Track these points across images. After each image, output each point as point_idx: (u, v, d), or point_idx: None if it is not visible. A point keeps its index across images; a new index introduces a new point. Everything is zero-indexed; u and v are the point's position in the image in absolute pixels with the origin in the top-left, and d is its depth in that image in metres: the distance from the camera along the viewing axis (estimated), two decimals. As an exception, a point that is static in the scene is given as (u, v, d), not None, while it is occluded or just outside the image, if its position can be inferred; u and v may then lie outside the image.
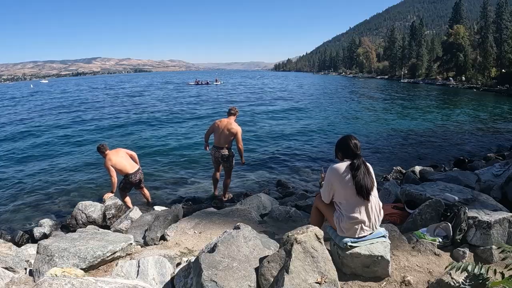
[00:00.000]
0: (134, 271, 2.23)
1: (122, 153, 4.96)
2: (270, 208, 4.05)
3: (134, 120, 15.63)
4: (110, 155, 4.76)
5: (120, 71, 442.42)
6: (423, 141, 10.66)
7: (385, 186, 4.47)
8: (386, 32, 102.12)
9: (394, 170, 6.66)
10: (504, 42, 39.28)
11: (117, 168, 4.76)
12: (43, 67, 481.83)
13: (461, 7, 52.86)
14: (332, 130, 12.85)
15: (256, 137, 11.23)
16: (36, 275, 2.37)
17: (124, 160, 4.88)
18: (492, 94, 30.78)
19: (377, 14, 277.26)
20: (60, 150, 9.94)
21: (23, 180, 7.21)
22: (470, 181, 4.53)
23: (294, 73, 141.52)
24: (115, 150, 4.98)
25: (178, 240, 3.11)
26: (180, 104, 22.63)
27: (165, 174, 7.27)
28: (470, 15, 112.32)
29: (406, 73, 61.41)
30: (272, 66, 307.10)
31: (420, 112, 17.94)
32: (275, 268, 1.90)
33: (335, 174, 2.20)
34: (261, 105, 21.17)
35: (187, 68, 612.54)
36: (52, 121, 16.13)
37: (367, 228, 2.20)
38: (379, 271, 2.20)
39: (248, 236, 2.16)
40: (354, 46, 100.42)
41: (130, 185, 4.99)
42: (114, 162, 4.73)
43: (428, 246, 2.55)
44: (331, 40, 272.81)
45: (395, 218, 3.33)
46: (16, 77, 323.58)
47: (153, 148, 9.66)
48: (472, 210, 2.80)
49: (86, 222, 4.40)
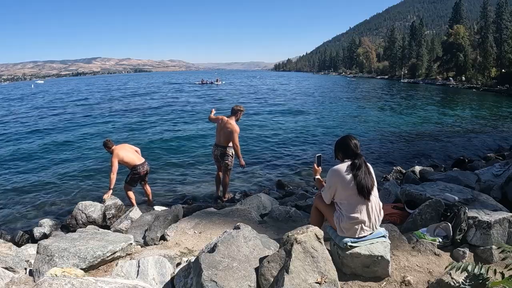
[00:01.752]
0: (134, 271, 2.23)
1: (128, 147, 5.08)
2: (270, 208, 4.05)
3: (134, 120, 15.64)
4: (117, 150, 4.83)
5: (120, 71, 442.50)
6: (423, 141, 10.66)
7: (385, 186, 4.47)
8: (386, 32, 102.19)
9: (394, 170, 6.66)
10: (504, 42, 39.32)
11: (125, 161, 4.84)
12: (43, 67, 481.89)
13: (461, 7, 52.92)
14: (332, 130, 12.85)
15: (256, 137, 11.23)
16: (36, 275, 2.37)
17: (130, 153, 4.98)
18: (492, 94, 30.80)
19: (377, 14, 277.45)
20: (61, 150, 9.94)
21: (23, 180, 7.21)
22: (470, 181, 4.53)
23: (294, 73, 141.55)
24: (121, 145, 5.08)
25: (178, 240, 3.11)
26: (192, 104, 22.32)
27: (165, 174, 7.27)
28: (470, 15, 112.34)
29: (406, 73, 61.45)
30: (272, 66, 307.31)
31: (420, 112, 17.94)
32: (275, 268, 1.90)
33: (337, 176, 2.19)
34: (262, 105, 21.18)
35: (187, 68, 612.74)
36: (52, 121, 16.14)
37: (367, 228, 2.20)
38: (379, 271, 2.20)
39: (248, 236, 2.16)
40: (354, 46, 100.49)
41: (138, 177, 5.02)
42: (122, 156, 4.80)
43: (428, 246, 2.55)
44: (331, 40, 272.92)
45: (395, 218, 3.33)
46: (16, 77, 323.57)
47: (153, 148, 9.69)
48: (472, 210, 2.80)
49: (86, 222, 4.40)
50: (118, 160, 4.76)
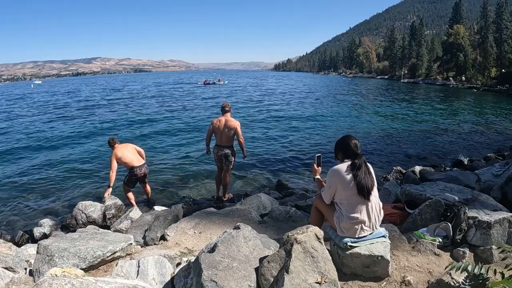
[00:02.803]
0: (134, 271, 2.23)
1: (130, 147, 5.08)
2: (270, 208, 4.05)
3: (135, 120, 15.64)
4: (117, 149, 4.87)
5: (120, 71, 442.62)
6: (423, 141, 10.66)
7: (385, 186, 4.47)
8: (386, 32, 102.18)
9: (394, 170, 6.66)
10: (504, 42, 39.31)
11: (123, 161, 4.86)
12: (43, 67, 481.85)
13: (461, 7, 52.90)
14: (332, 130, 12.85)
15: (256, 137, 11.24)
16: (36, 275, 2.37)
17: (130, 153, 4.98)
18: (492, 94, 30.80)
19: (377, 14, 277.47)
20: (60, 150, 9.93)
21: (23, 180, 7.20)
22: (470, 181, 4.53)
23: (294, 73, 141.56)
24: (124, 144, 5.10)
25: (178, 240, 3.11)
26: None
27: (166, 174, 7.26)
28: (470, 15, 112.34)
29: (406, 73, 61.44)
30: (272, 66, 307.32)
31: (420, 112, 17.94)
32: (275, 268, 1.90)
33: (337, 176, 2.19)
34: (263, 105, 21.17)
35: (187, 68, 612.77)
36: (53, 121, 16.13)
37: (367, 228, 2.20)
38: (379, 271, 2.20)
39: (248, 236, 2.16)
40: (354, 46, 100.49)
41: (135, 179, 5.03)
42: (120, 156, 4.83)
43: (428, 246, 2.55)
44: (331, 40, 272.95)
45: (395, 218, 3.33)
46: (16, 77, 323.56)
47: (153, 148, 9.69)
48: (472, 210, 2.79)
49: (86, 222, 4.40)
50: (116, 159, 4.80)
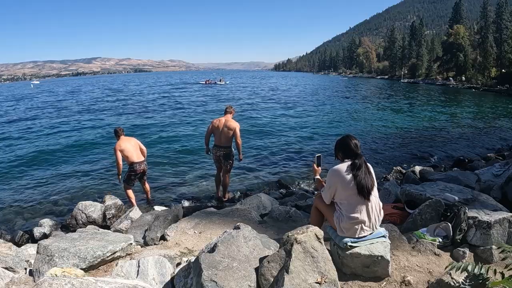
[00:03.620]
0: (134, 271, 2.23)
1: (134, 142, 5.10)
2: (270, 208, 4.05)
3: (135, 120, 15.63)
4: (122, 141, 4.93)
5: (120, 71, 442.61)
6: (423, 141, 10.66)
7: (385, 186, 4.48)
8: (386, 32, 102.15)
9: (394, 170, 6.66)
10: (504, 42, 39.33)
11: (124, 155, 4.90)
12: (43, 67, 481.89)
13: (461, 7, 52.91)
14: (332, 130, 12.84)
15: (256, 138, 11.23)
16: (36, 275, 2.37)
17: (132, 148, 5.01)
18: (492, 94, 30.80)
19: (377, 14, 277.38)
20: (60, 150, 9.93)
21: (23, 180, 7.20)
22: (470, 181, 4.53)
23: (294, 73, 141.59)
24: (128, 137, 5.14)
25: (178, 240, 3.11)
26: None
27: (166, 174, 7.27)
28: (470, 15, 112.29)
29: (406, 73, 61.43)
30: (272, 66, 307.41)
31: (420, 112, 17.94)
32: (275, 268, 1.90)
33: (337, 176, 2.19)
34: (263, 105, 21.17)
35: (187, 68, 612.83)
36: (52, 121, 16.13)
37: (367, 228, 2.20)
38: (379, 271, 2.20)
39: (248, 236, 2.16)
40: (354, 46, 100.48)
41: (134, 175, 5.06)
42: (123, 148, 4.88)
43: (428, 246, 2.55)
44: (331, 40, 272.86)
45: (395, 218, 3.33)
46: (16, 77, 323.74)
47: (153, 148, 9.68)
48: (472, 210, 2.80)
49: (86, 222, 4.41)
50: (119, 150, 4.85)
